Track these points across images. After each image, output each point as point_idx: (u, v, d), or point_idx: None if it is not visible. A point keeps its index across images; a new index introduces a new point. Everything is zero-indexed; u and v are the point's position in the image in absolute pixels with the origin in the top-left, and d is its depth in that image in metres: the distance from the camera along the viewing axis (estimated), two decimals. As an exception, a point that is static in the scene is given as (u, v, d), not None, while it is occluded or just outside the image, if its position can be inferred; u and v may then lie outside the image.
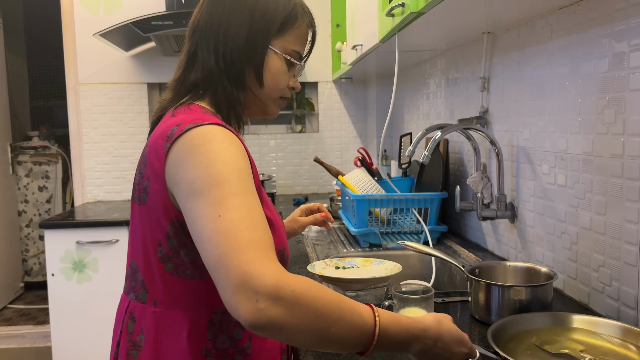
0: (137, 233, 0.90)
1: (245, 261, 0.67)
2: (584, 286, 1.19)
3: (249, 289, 0.66)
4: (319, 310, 0.68)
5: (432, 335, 0.77)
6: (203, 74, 0.93)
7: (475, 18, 1.41)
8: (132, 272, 0.92)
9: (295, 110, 3.36)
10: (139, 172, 0.88)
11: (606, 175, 1.10)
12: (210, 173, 0.75)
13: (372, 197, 1.78)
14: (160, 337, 0.88)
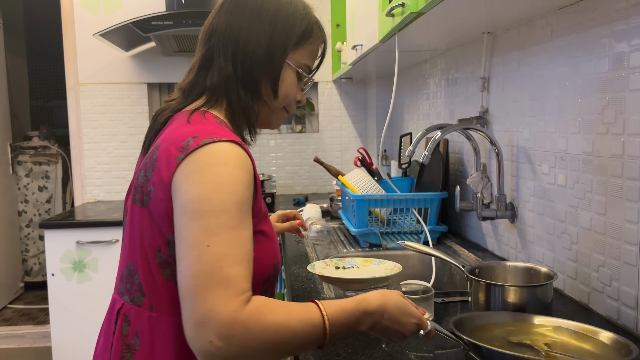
0: (135, 235, 0.89)
1: (211, 299, 0.70)
2: (584, 286, 1.20)
3: (205, 328, 0.69)
4: (270, 339, 0.72)
5: (376, 310, 0.82)
6: (219, 79, 0.93)
7: (475, 18, 1.41)
8: (128, 274, 0.91)
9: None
10: (143, 174, 0.87)
11: (606, 175, 1.10)
12: (213, 197, 0.76)
13: (372, 197, 1.78)
14: (155, 342, 0.88)
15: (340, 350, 0.98)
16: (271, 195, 2.73)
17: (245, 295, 0.72)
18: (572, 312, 1.15)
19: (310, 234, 1.90)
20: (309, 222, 1.96)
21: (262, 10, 0.93)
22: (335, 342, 1.01)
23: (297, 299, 1.27)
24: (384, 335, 0.85)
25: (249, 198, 0.81)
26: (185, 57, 3.19)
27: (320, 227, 1.87)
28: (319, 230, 1.87)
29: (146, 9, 3.06)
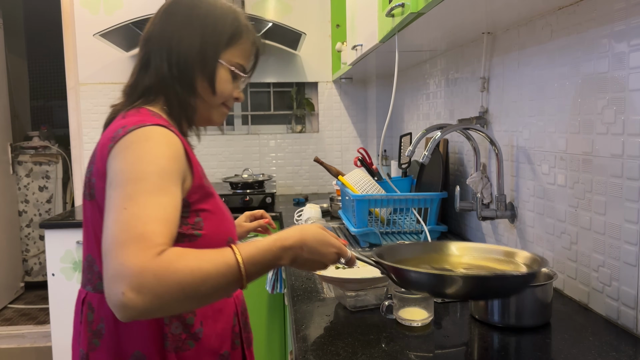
0: (89, 227, 0.96)
1: (123, 254, 0.74)
2: (583, 286, 1.20)
3: (117, 281, 0.72)
4: (183, 282, 0.74)
5: (295, 243, 0.87)
6: (157, 79, 1.01)
7: (475, 18, 1.41)
8: (88, 265, 0.98)
9: (295, 111, 3.36)
10: (88, 171, 0.96)
11: (606, 175, 1.10)
12: (133, 169, 0.83)
13: (372, 197, 1.78)
14: (120, 324, 0.93)
15: (340, 350, 0.98)
16: (271, 195, 2.73)
17: (159, 248, 0.75)
18: (572, 312, 1.16)
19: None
20: (309, 222, 1.96)
21: (193, 16, 1.02)
22: (335, 342, 1.01)
23: (297, 298, 1.28)
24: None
25: (175, 171, 0.87)
26: (186, 57, 3.19)
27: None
28: (319, 230, 1.87)
29: (146, 9, 3.06)
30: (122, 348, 0.94)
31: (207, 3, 1.04)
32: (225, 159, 3.28)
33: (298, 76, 3.28)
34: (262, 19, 2.68)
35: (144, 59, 1.03)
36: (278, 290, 2.41)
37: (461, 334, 1.06)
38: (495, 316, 1.08)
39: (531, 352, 0.96)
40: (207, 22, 1.02)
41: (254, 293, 2.68)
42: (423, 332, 1.06)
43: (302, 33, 2.84)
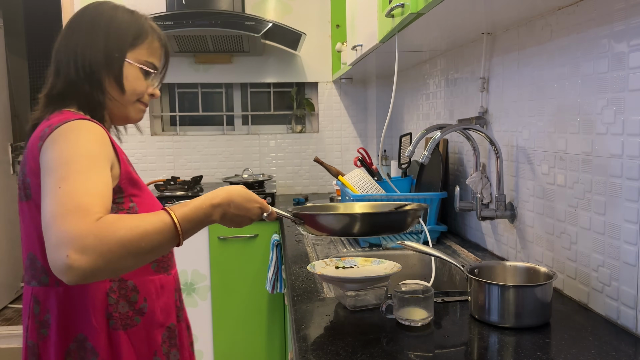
0: (29, 226, 1.03)
1: (64, 222, 0.80)
2: (583, 286, 1.20)
3: (61, 247, 0.78)
4: (123, 239, 0.81)
5: (223, 201, 0.96)
6: (67, 83, 1.08)
7: (475, 18, 1.41)
8: (30, 262, 1.04)
9: (295, 111, 3.36)
10: (20, 173, 1.02)
11: (605, 175, 1.10)
12: (62, 155, 0.90)
13: (372, 197, 1.78)
14: (66, 311, 1.01)
15: (340, 350, 0.98)
16: (271, 195, 2.73)
17: (97, 215, 0.82)
18: (572, 312, 1.16)
19: (310, 234, 1.90)
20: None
21: (95, 23, 1.10)
22: (335, 342, 1.02)
23: (298, 298, 1.28)
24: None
25: (102, 153, 0.95)
26: (186, 57, 3.20)
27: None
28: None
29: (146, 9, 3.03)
30: (68, 332, 1.02)
31: (109, 10, 1.12)
32: (225, 159, 3.28)
33: (298, 76, 3.28)
34: (262, 19, 2.69)
35: (56, 68, 1.10)
36: (278, 290, 2.41)
37: (461, 333, 1.06)
38: (495, 316, 1.08)
39: (531, 352, 0.96)
40: (110, 26, 1.10)
41: (254, 293, 2.68)
42: (423, 331, 1.06)
43: (302, 33, 2.84)
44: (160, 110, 3.35)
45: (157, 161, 3.23)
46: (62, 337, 1.02)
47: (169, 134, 3.33)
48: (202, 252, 2.64)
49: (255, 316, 2.70)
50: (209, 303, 2.67)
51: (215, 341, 2.68)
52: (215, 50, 3.07)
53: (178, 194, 2.73)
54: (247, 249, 2.66)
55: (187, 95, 3.39)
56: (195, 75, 3.23)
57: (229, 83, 3.37)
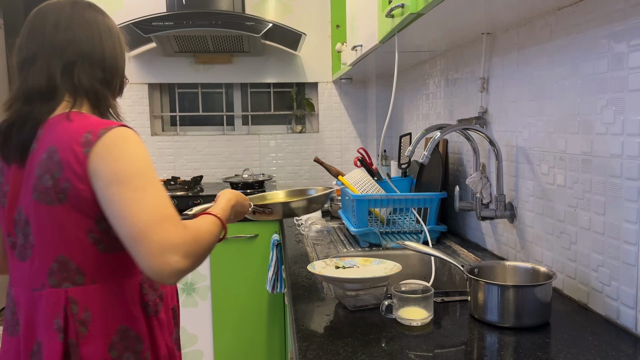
0: (54, 231, 1.02)
1: (163, 231, 0.92)
2: (583, 286, 1.20)
3: (169, 253, 0.90)
4: (208, 242, 1.01)
5: (234, 202, 1.23)
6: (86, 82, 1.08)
7: (475, 19, 1.41)
8: (60, 265, 1.03)
9: (295, 111, 3.36)
10: (49, 177, 0.99)
11: (605, 175, 1.11)
12: (131, 166, 0.97)
13: (372, 197, 1.78)
14: (106, 306, 1.05)
15: (340, 349, 0.98)
16: (271, 196, 2.73)
17: (182, 223, 0.96)
18: (571, 312, 1.16)
19: (310, 234, 1.90)
20: (309, 222, 1.97)
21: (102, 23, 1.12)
22: (335, 342, 1.02)
23: (298, 298, 1.28)
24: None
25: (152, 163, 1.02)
26: (186, 57, 3.20)
27: (320, 226, 1.88)
28: (319, 230, 1.88)
29: (147, 9, 3.06)
30: (110, 326, 1.05)
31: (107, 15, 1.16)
32: (225, 159, 3.28)
33: (298, 76, 3.28)
34: (262, 20, 2.69)
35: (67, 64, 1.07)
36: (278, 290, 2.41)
37: (461, 333, 1.06)
38: (494, 316, 1.08)
39: (531, 352, 0.96)
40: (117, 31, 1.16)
41: (254, 293, 2.68)
42: (423, 331, 1.07)
43: (302, 33, 2.84)
44: (161, 111, 3.35)
45: (158, 161, 3.23)
46: (104, 331, 1.04)
47: (169, 134, 3.33)
48: (202, 252, 2.64)
49: (255, 316, 2.70)
50: (209, 303, 2.67)
51: (215, 341, 2.68)
52: (215, 51, 3.07)
53: (178, 194, 2.73)
54: (247, 249, 2.66)
55: (187, 95, 3.39)
56: (195, 76, 3.23)
57: (229, 83, 3.37)
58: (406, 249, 1.30)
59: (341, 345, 1.00)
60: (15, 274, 1.08)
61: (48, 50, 1.08)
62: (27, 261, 1.05)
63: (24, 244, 1.05)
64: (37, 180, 1.00)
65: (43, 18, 1.10)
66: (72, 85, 1.07)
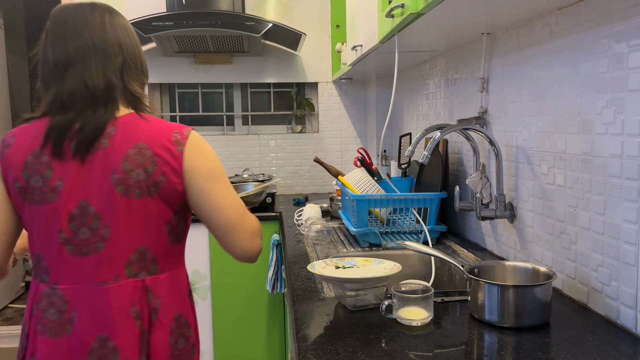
0: (139, 222, 1.08)
1: (250, 219, 1.16)
2: (583, 286, 1.20)
3: (256, 237, 1.17)
4: None
5: None
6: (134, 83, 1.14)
7: (475, 19, 1.41)
8: (139, 255, 1.09)
9: (295, 111, 3.36)
10: (142, 171, 1.06)
11: (605, 175, 1.11)
12: (219, 165, 1.14)
13: (372, 197, 1.79)
14: (170, 295, 1.13)
15: (340, 349, 0.98)
16: (271, 195, 2.73)
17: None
18: (571, 312, 1.16)
19: (310, 234, 1.90)
20: (309, 222, 1.97)
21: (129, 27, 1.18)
22: (335, 342, 1.02)
23: (298, 298, 1.28)
24: None
25: None
26: (186, 57, 3.20)
27: (320, 227, 1.88)
28: (319, 230, 1.88)
29: (147, 9, 3.06)
30: (170, 314, 1.13)
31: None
32: (225, 159, 3.28)
33: (298, 76, 3.28)
34: (262, 20, 2.69)
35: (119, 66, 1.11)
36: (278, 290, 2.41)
37: (461, 333, 1.06)
38: (494, 316, 1.08)
39: (530, 352, 0.96)
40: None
41: (254, 293, 2.68)
42: (423, 331, 1.07)
43: (302, 33, 2.84)
44: (161, 111, 3.35)
45: (157, 161, 3.23)
46: (167, 318, 1.12)
47: (169, 134, 3.33)
48: (202, 252, 2.65)
49: (255, 316, 2.70)
50: (209, 303, 2.67)
51: (215, 341, 2.68)
52: (215, 51, 3.07)
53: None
54: (247, 249, 2.65)
55: (187, 95, 3.39)
56: (195, 76, 3.23)
57: (229, 83, 3.37)
58: (406, 249, 1.30)
59: (341, 345, 1.00)
60: (68, 270, 1.06)
61: (100, 52, 1.09)
62: (92, 255, 1.05)
63: (89, 239, 1.05)
64: (124, 175, 1.05)
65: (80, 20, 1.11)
66: (123, 87, 1.11)
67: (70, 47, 1.08)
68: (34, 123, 1.10)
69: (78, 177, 1.05)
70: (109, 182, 1.04)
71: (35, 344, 1.07)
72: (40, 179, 1.05)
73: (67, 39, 1.09)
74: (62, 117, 1.07)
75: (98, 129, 1.06)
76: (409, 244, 1.31)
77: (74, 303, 1.06)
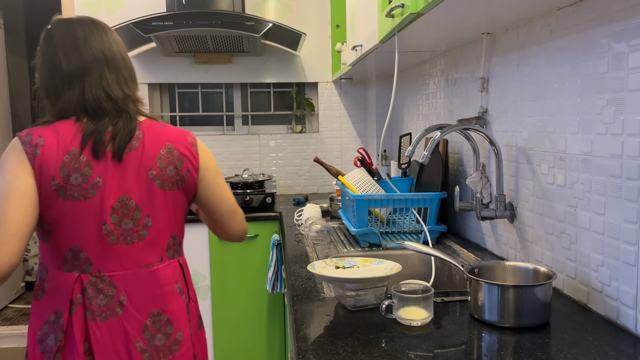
0: (170, 211, 1.25)
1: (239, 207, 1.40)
2: (583, 286, 1.20)
3: (244, 221, 1.40)
4: None
5: None
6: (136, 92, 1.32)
7: (475, 19, 1.41)
8: (173, 240, 1.28)
9: (295, 111, 3.36)
10: (173, 167, 1.23)
11: (605, 175, 1.11)
12: (217, 164, 1.35)
13: (372, 197, 1.79)
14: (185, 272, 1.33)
15: (340, 349, 0.98)
16: (271, 195, 2.74)
17: None
18: (571, 312, 1.16)
19: (310, 234, 1.90)
20: (309, 222, 1.97)
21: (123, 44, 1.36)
22: (335, 342, 1.02)
23: (298, 298, 1.28)
24: None
25: None
26: (186, 57, 3.20)
27: (320, 227, 1.88)
28: (319, 230, 1.88)
29: (147, 9, 3.06)
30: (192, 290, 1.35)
31: None
32: (225, 159, 3.28)
33: (298, 76, 3.28)
34: (262, 20, 2.69)
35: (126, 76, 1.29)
36: (278, 290, 2.41)
37: (461, 333, 1.06)
38: (494, 316, 1.08)
39: (531, 352, 0.96)
40: None
41: (254, 293, 2.68)
42: (423, 331, 1.07)
43: (302, 33, 2.84)
44: (161, 110, 3.35)
45: (157, 161, 3.23)
46: (193, 294, 1.34)
47: (169, 134, 3.33)
48: (202, 252, 2.65)
49: (255, 316, 2.70)
50: (209, 303, 2.67)
51: (215, 341, 2.68)
52: (215, 51, 3.07)
53: (178, 194, 2.73)
54: (247, 249, 2.66)
55: (187, 95, 3.39)
56: (195, 76, 3.23)
57: (229, 83, 3.37)
58: (406, 249, 1.30)
59: (341, 345, 1.00)
60: (113, 258, 1.18)
61: (111, 64, 1.24)
62: (136, 243, 1.20)
63: (132, 228, 1.19)
64: (160, 171, 1.22)
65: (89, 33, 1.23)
66: (133, 95, 1.29)
67: (86, 58, 1.20)
68: (57, 124, 1.18)
69: (116, 174, 1.17)
70: (145, 177, 1.20)
71: (82, 332, 1.16)
72: (80, 177, 1.15)
73: (81, 50, 1.20)
74: (95, 122, 1.19)
75: (130, 132, 1.20)
76: (409, 244, 1.31)
77: (123, 287, 1.18)
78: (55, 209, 1.15)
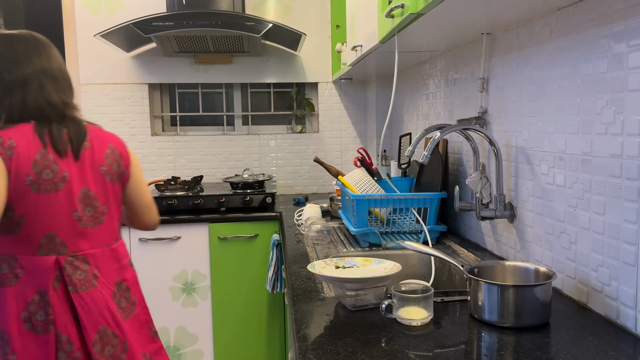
0: (117, 201, 1.50)
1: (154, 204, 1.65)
2: (582, 286, 1.20)
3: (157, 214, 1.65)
4: None
5: None
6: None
7: (475, 19, 1.41)
8: (119, 224, 1.53)
9: (295, 111, 3.36)
10: (117, 164, 1.48)
11: (605, 175, 1.11)
12: None
13: (372, 197, 1.79)
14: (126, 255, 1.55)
15: (340, 349, 0.99)
16: (271, 195, 2.74)
17: None
18: (571, 312, 1.16)
19: (310, 234, 1.90)
20: (309, 222, 1.97)
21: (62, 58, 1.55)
22: (335, 342, 1.02)
23: (298, 298, 1.28)
24: None
25: None
26: (186, 57, 3.20)
27: (320, 226, 1.88)
28: (319, 230, 1.88)
29: (147, 9, 3.06)
30: None
31: None
32: (225, 159, 3.29)
33: (298, 77, 3.29)
34: (262, 20, 2.69)
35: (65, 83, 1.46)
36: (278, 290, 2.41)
37: (460, 333, 1.06)
38: (494, 316, 1.08)
39: (530, 352, 0.96)
40: None
41: (254, 293, 2.68)
42: (422, 331, 1.07)
43: (302, 34, 2.84)
44: (161, 111, 3.36)
45: (158, 161, 3.24)
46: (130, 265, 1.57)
47: (169, 134, 3.33)
48: (202, 252, 2.65)
49: (255, 316, 2.70)
50: (209, 303, 2.67)
51: (215, 341, 2.68)
52: (215, 51, 3.07)
53: (178, 194, 2.73)
54: (247, 248, 2.66)
55: (187, 95, 3.39)
56: (195, 76, 3.23)
57: (229, 83, 3.37)
58: (406, 249, 1.30)
59: (341, 345, 1.00)
60: (84, 240, 1.40)
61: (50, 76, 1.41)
62: (99, 226, 1.43)
63: (93, 214, 1.42)
64: (109, 167, 1.46)
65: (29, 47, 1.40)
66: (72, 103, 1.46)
67: (26, 69, 1.37)
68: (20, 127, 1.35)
69: (76, 170, 1.39)
70: (98, 172, 1.44)
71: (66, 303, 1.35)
72: (50, 172, 1.34)
73: (21, 63, 1.37)
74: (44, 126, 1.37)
75: (83, 134, 1.43)
76: (409, 244, 1.31)
77: (94, 263, 1.40)
78: (29, 202, 1.32)
